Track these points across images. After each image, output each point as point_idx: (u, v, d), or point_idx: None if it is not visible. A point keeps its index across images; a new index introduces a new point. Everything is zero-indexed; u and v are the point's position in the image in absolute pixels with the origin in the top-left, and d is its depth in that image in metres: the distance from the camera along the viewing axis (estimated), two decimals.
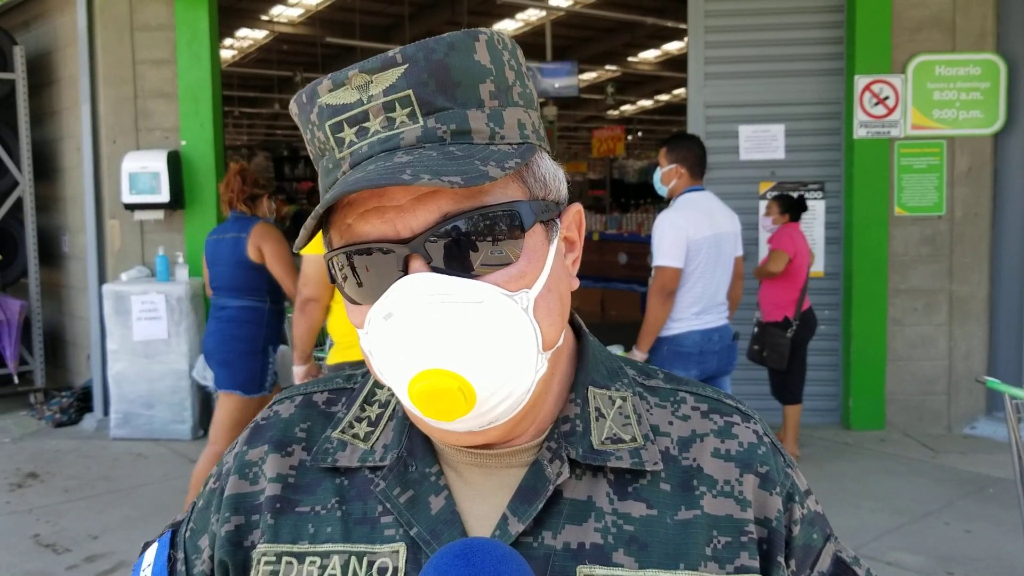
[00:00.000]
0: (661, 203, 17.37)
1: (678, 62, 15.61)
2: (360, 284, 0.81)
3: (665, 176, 4.59)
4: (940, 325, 6.57)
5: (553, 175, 0.86)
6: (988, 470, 5.61)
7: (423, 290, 0.75)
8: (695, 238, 4.33)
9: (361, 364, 3.14)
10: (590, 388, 0.90)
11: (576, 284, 0.89)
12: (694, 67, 6.75)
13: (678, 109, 18.62)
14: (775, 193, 6.34)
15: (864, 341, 6.53)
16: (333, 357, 3.74)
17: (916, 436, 6.41)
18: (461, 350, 0.74)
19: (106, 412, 6.80)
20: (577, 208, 0.90)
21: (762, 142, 6.69)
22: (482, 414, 0.77)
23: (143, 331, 6.39)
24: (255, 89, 20.19)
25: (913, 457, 5.96)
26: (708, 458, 0.88)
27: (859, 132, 6.46)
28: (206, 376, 6.23)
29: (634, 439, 0.87)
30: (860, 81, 6.42)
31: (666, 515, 0.84)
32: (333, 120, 0.80)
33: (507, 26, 15.33)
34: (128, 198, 6.58)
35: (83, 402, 7.15)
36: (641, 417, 0.89)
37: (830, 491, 5.16)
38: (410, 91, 0.78)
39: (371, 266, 0.79)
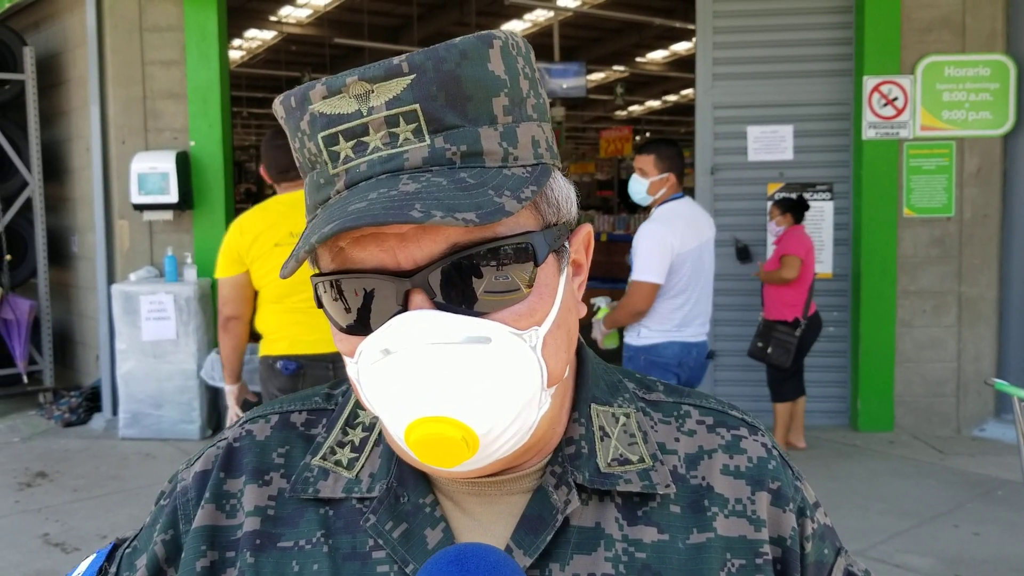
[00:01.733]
0: None
1: (686, 63, 15.58)
2: (349, 310, 0.74)
3: (654, 186, 4.33)
4: (949, 327, 6.55)
5: (566, 196, 0.79)
6: (997, 472, 5.59)
7: (425, 329, 0.69)
8: (681, 251, 4.17)
9: (285, 357, 3.08)
10: (592, 405, 0.85)
11: (584, 312, 0.84)
12: (702, 68, 6.74)
13: (686, 110, 18.59)
14: (779, 196, 6.32)
15: (873, 342, 6.51)
16: (262, 350, 3.78)
17: (925, 438, 6.39)
18: (465, 397, 0.68)
19: (115, 412, 6.82)
20: (587, 230, 0.84)
21: (771, 143, 6.68)
22: (483, 457, 0.72)
23: (152, 331, 6.41)
24: (264, 90, 20.22)
25: (922, 459, 5.94)
26: (718, 475, 0.84)
27: (868, 133, 6.45)
28: (214, 376, 6.26)
29: (642, 459, 0.82)
30: (869, 82, 6.40)
31: (678, 539, 0.80)
32: (327, 131, 0.72)
33: (515, 27, 15.32)
34: (137, 198, 6.60)
35: (92, 402, 7.17)
36: (647, 435, 0.84)
37: (838, 493, 5.15)
38: (417, 106, 0.71)
39: (365, 296, 0.72)
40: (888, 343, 6.51)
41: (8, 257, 7.51)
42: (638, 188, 4.39)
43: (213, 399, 6.54)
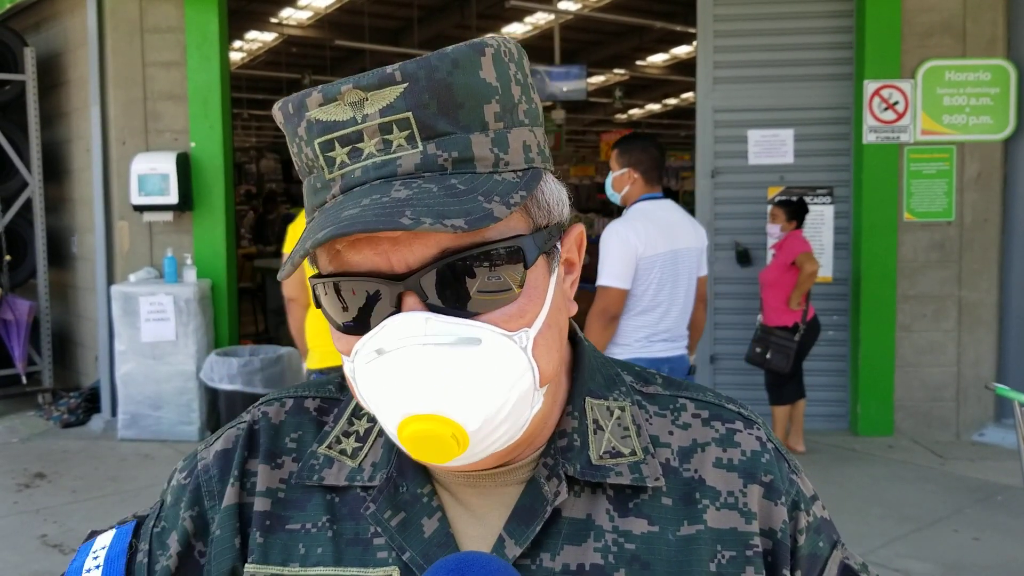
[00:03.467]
0: None
1: (687, 66, 15.59)
2: (346, 310, 0.76)
3: (616, 181, 4.03)
4: (949, 331, 6.55)
5: (557, 199, 0.81)
6: (997, 477, 5.58)
7: (417, 331, 0.71)
8: (646, 255, 3.78)
9: (318, 371, 3.12)
10: (587, 399, 0.87)
11: (575, 310, 0.86)
12: (703, 71, 6.74)
13: (686, 113, 18.60)
14: (779, 199, 6.32)
15: (872, 347, 6.51)
16: (310, 363, 3.80)
17: (924, 443, 6.38)
18: (455, 396, 0.71)
19: (114, 413, 6.82)
20: (579, 230, 0.86)
21: (771, 147, 6.68)
22: (474, 453, 0.74)
23: (151, 332, 6.40)
24: (264, 91, 20.23)
25: (921, 464, 5.93)
26: (710, 469, 0.85)
27: (868, 137, 6.45)
28: (213, 377, 6.26)
29: (633, 452, 0.84)
30: (869, 86, 6.40)
31: (668, 531, 0.82)
32: (323, 138, 0.75)
33: (515, 29, 15.33)
34: (137, 199, 6.59)
35: (91, 403, 7.17)
36: (641, 428, 0.86)
37: (838, 497, 5.14)
38: (409, 113, 0.73)
39: (360, 298, 0.75)
40: (888, 347, 6.51)
41: (8, 258, 7.50)
42: (608, 183, 4.14)
43: (212, 401, 6.54)
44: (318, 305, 0.79)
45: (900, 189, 6.46)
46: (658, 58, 17.75)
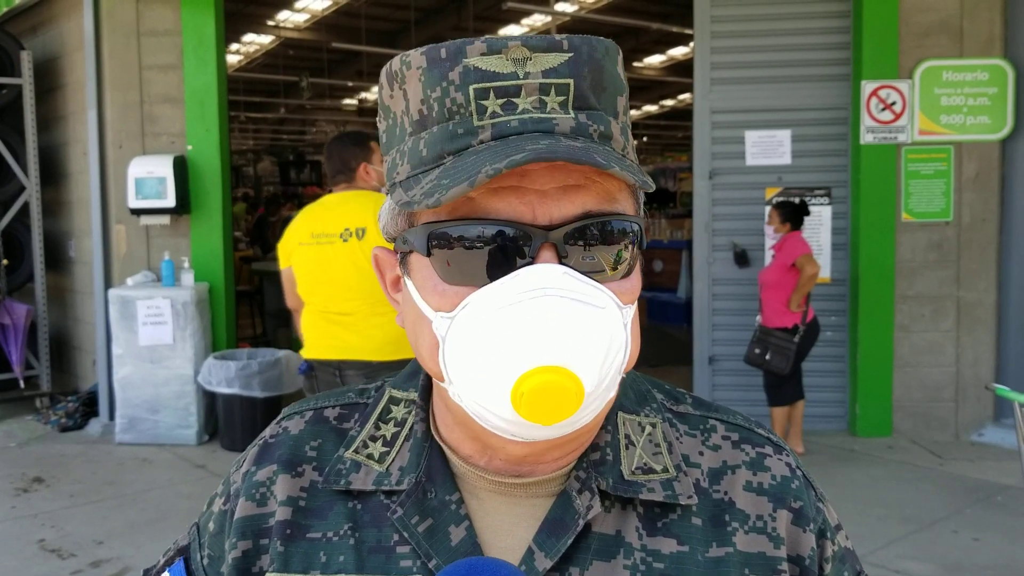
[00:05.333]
0: (669, 207, 17.32)
1: (684, 67, 15.59)
2: (462, 261, 0.74)
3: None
4: (947, 331, 6.54)
5: (642, 203, 0.83)
6: (996, 477, 5.58)
7: (555, 283, 0.71)
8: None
9: (323, 364, 3.18)
10: (619, 414, 0.86)
11: None
12: (700, 72, 6.73)
13: (684, 114, 18.60)
14: (778, 200, 6.33)
15: (871, 347, 6.51)
16: (304, 353, 3.93)
17: (923, 443, 6.38)
18: (584, 353, 0.70)
19: (111, 417, 6.80)
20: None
21: (768, 148, 6.67)
22: (577, 420, 0.74)
23: (149, 336, 6.39)
24: (261, 94, 20.22)
25: (921, 464, 5.93)
26: (740, 491, 0.84)
27: (866, 138, 6.45)
28: (211, 380, 6.25)
29: (665, 469, 0.83)
30: (867, 86, 6.40)
31: (697, 552, 0.81)
32: (480, 85, 0.74)
33: (512, 31, 15.34)
34: (134, 203, 6.58)
35: (89, 407, 7.15)
36: (672, 445, 0.86)
37: (837, 498, 5.13)
38: (571, 80, 0.74)
39: (491, 247, 0.73)
40: (886, 348, 6.51)
41: (5, 262, 7.49)
42: None
43: (210, 404, 6.52)
44: (428, 254, 0.76)
45: (898, 189, 6.46)
46: (655, 59, 17.76)
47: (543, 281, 0.71)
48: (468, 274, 0.74)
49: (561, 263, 0.73)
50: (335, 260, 3.70)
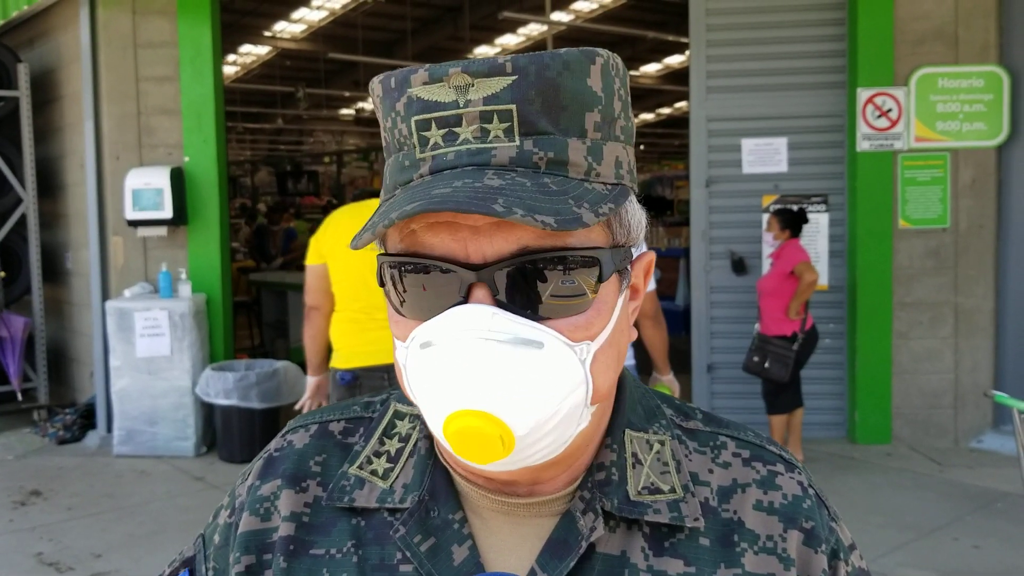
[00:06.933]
0: (665, 215, 17.35)
1: (680, 75, 15.62)
2: (409, 294, 0.75)
3: None
4: (946, 338, 6.54)
5: (638, 221, 0.80)
6: (996, 484, 5.57)
7: (481, 324, 0.70)
8: None
9: (342, 370, 3.14)
10: (627, 431, 0.85)
11: (635, 335, 0.84)
12: (696, 81, 6.75)
13: (680, 122, 18.63)
14: (777, 207, 6.33)
15: (869, 355, 6.50)
16: (334, 363, 3.85)
17: (923, 450, 6.37)
18: (509, 397, 0.69)
19: (109, 429, 6.79)
20: (651, 257, 0.85)
21: (765, 155, 6.68)
22: (515, 460, 0.72)
23: (146, 348, 6.38)
24: (258, 104, 20.26)
25: (920, 471, 5.92)
26: (750, 511, 0.83)
27: (862, 145, 6.45)
28: (209, 392, 6.23)
29: (673, 489, 0.82)
30: (863, 94, 6.42)
31: (704, 573, 0.79)
32: (421, 116, 0.73)
33: (509, 41, 15.37)
34: (131, 214, 6.58)
35: (86, 419, 7.13)
36: (680, 464, 0.84)
37: (836, 506, 5.08)
38: (513, 106, 0.72)
39: (428, 283, 0.73)
40: (885, 355, 6.51)
41: (2, 274, 7.48)
42: None
43: (208, 416, 6.51)
44: (381, 284, 0.78)
45: (895, 196, 6.47)
46: (651, 68, 17.82)
47: (468, 322, 0.70)
48: (414, 307, 0.75)
49: (496, 301, 0.71)
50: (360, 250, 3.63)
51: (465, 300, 0.72)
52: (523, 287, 0.72)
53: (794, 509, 0.84)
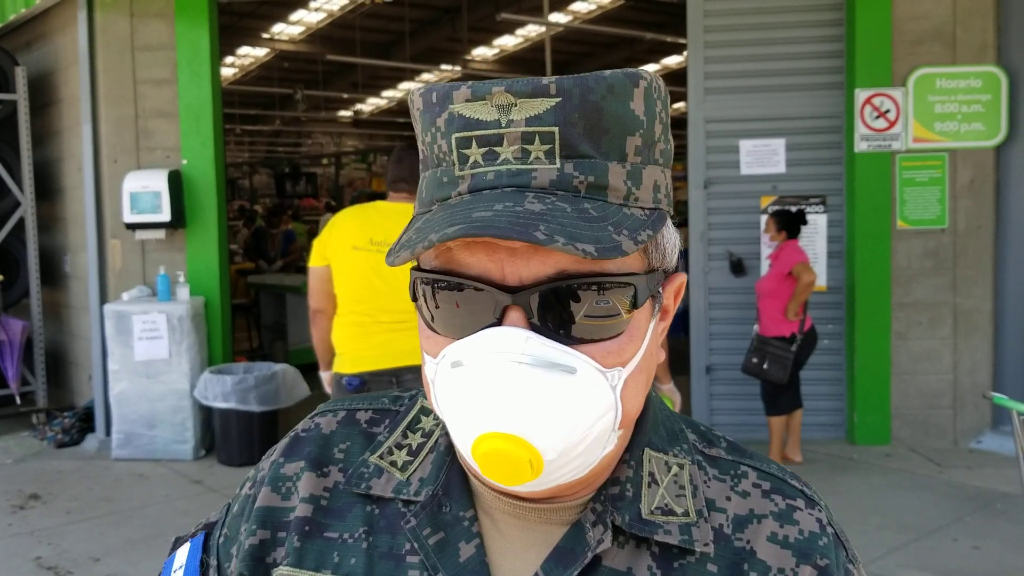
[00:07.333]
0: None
1: (678, 76, 15.62)
2: (443, 311, 0.75)
3: None
4: (944, 339, 6.54)
5: (672, 245, 0.80)
6: (995, 485, 5.57)
7: (515, 347, 0.70)
8: None
9: (349, 375, 3.08)
10: (646, 450, 0.85)
11: (663, 357, 0.84)
12: (694, 82, 6.75)
13: (678, 123, 18.64)
14: (775, 208, 6.33)
15: (868, 355, 6.50)
16: (333, 367, 3.82)
17: (922, 451, 6.37)
18: (541, 421, 0.69)
19: (108, 432, 6.78)
20: (682, 280, 0.84)
21: (763, 156, 6.68)
22: (543, 482, 0.73)
23: (144, 351, 6.37)
24: (256, 106, 20.26)
25: (919, 472, 5.92)
26: (763, 542, 0.82)
27: (860, 145, 6.46)
28: (208, 395, 6.23)
29: (686, 513, 0.81)
30: (861, 94, 6.42)
31: None
32: (462, 134, 0.73)
33: (507, 42, 15.38)
34: (129, 217, 6.58)
35: (85, 422, 7.13)
36: (697, 489, 0.84)
37: (836, 507, 5.08)
38: (556, 128, 0.71)
39: (463, 301, 0.73)
40: (884, 356, 6.51)
41: (0, 277, 7.47)
42: None
43: (207, 419, 6.50)
44: (414, 299, 0.78)
45: (893, 197, 6.47)
46: (649, 69, 17.77)
47: (502, 345, 0.70)
48: (447, 324, 0.75)
49: (531, 324, 0.71)
50: (397, 267, 3.59)
51: (499, 321, 0.72)
52: (558, 311, 0.72)
53: (809, 545, 0.82)
